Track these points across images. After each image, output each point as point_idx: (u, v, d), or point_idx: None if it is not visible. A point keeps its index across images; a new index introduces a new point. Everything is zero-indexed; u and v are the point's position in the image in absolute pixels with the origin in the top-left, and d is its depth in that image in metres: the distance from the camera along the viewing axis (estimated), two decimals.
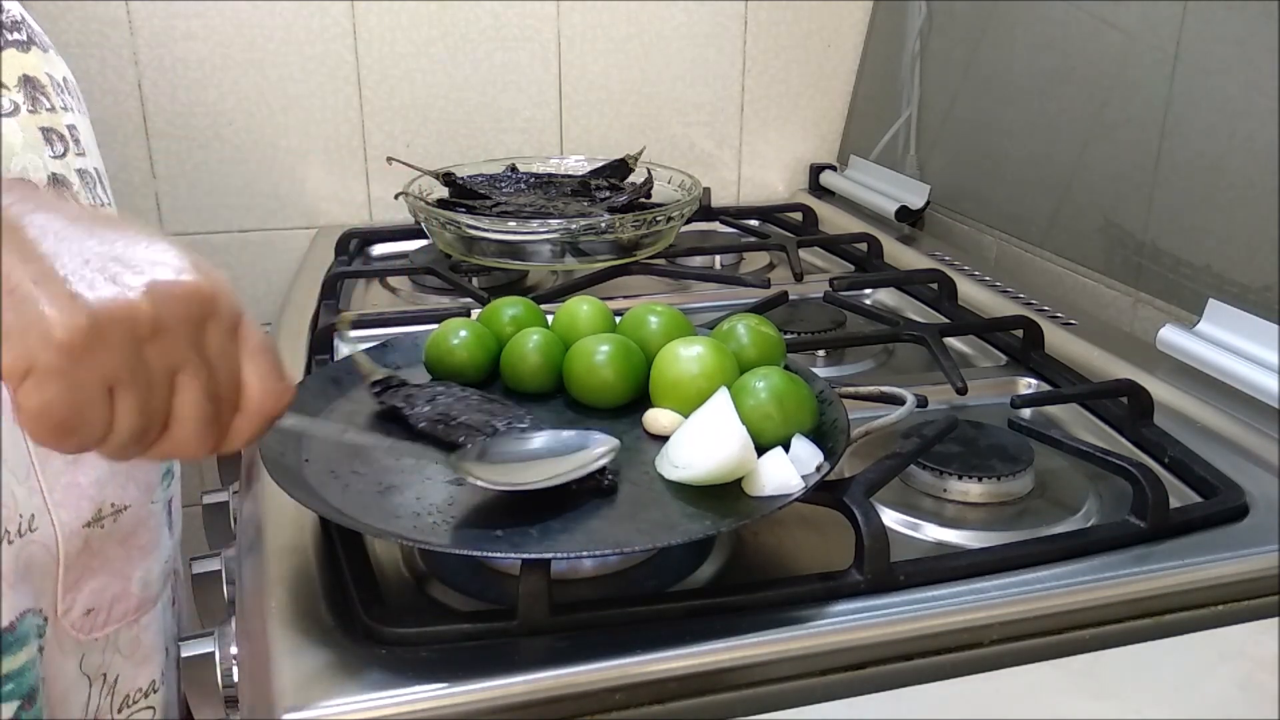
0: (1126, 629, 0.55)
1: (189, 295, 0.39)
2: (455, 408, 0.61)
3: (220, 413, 0.41)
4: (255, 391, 0.42)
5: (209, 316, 0.40)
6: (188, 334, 0.39)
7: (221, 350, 0.41)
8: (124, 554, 0.69)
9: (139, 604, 0.71)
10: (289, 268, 1.21)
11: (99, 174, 0.70)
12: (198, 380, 0.40)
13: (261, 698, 0.48)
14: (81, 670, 0.68)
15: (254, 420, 0.43)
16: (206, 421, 0.41)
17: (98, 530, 0.67)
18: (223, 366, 0.41)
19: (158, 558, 0.73)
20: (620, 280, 1.01)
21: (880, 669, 0.51)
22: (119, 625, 0.70)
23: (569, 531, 0.52)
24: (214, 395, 0.41)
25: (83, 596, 0.67)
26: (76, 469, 0.65)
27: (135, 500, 0.70)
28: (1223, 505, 0.62)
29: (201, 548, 0.73)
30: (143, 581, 0.71)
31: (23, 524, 0.62)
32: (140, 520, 0.70)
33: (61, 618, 0.66)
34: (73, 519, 0.65)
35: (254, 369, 0.42)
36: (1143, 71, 0.90)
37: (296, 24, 1.19)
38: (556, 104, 1.29)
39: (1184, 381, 0.77)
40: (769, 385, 0.59)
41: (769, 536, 0.62)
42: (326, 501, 0.55)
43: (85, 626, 0.67)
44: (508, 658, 0.49)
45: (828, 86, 1.38)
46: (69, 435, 0.38)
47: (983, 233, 1.14)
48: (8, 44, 0.65)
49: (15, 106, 0.64)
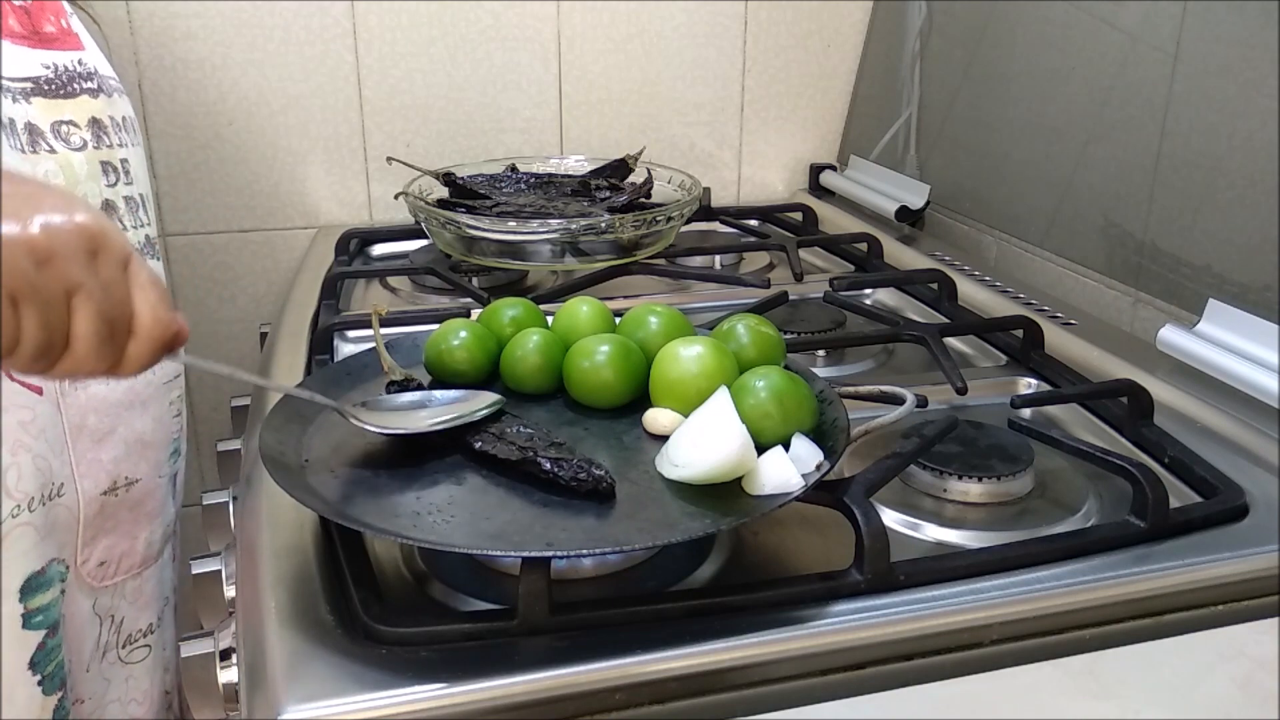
0: (1126, 629, 0.55)
1: (79, 229, 0.46)
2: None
3: (114, 334, 0.47)
4: (146, 319, 0.48)
5: (99, 249, 0.46)
6: (80, 261, 0.45)
7: (112, 278, 0.47)
8: (133, 519, 0.82)
9: (142, 560, 0.84)
10: (289, 268, 1.21)
11: (143, 199, 0.83)
12: (91, 301, 0.46)
13: (261, 698, 0.48)
14: (94, 611, 0.80)
15: (146, 344, 0.48)
16: (102, 339, 0.46)
17: (112, 498, 0.79)
18: (114, 293, 0.47)
19: (161, 522, 0.86)
20: (620, 280, 1.01)
21: (880, 669, 0.51)
22: (125, 577, 0.83)
23: (569, 531, 0.52)
24: (107, 317, 0.46)
25: (97, 551, 0.79)
26: (101, 448, 0.78)
27: (145, 475, 0.83)
28: (1223, 505, 0.62)
29: (201, 548, 0.73)
30: (147, 541, 0.84)
31: (53, 490, 0.74)
32: (148, 491, 0.83)
33: (79, 567, 0.78)
34: (93, 488, 0.78)
35: (144, 298, 0.48)
36: (1143, 71, 0.90)
37: (296, 24, 1.19)
38: (556, 104, 1.29)
39: (1184, 381, 0.77)
40: (769, 385, 0.59)
41: (769, 536, 0.62)
42: (326, 501, 0.55)
43: (98, 575, 0.80)
44: (508, 658, 0.49)
45: (828, 86, 1.38)
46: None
47: (983, 233, 1.14)
48: (81, 90, 0.78)
49: (84, 143, 0.76)
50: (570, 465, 0.56)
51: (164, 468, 0.86)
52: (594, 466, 0.56)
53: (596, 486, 0.55)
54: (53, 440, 0.74)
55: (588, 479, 0.55)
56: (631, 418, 0.64)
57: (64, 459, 0.75)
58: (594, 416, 0.65)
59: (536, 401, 0.67)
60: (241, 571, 0.60)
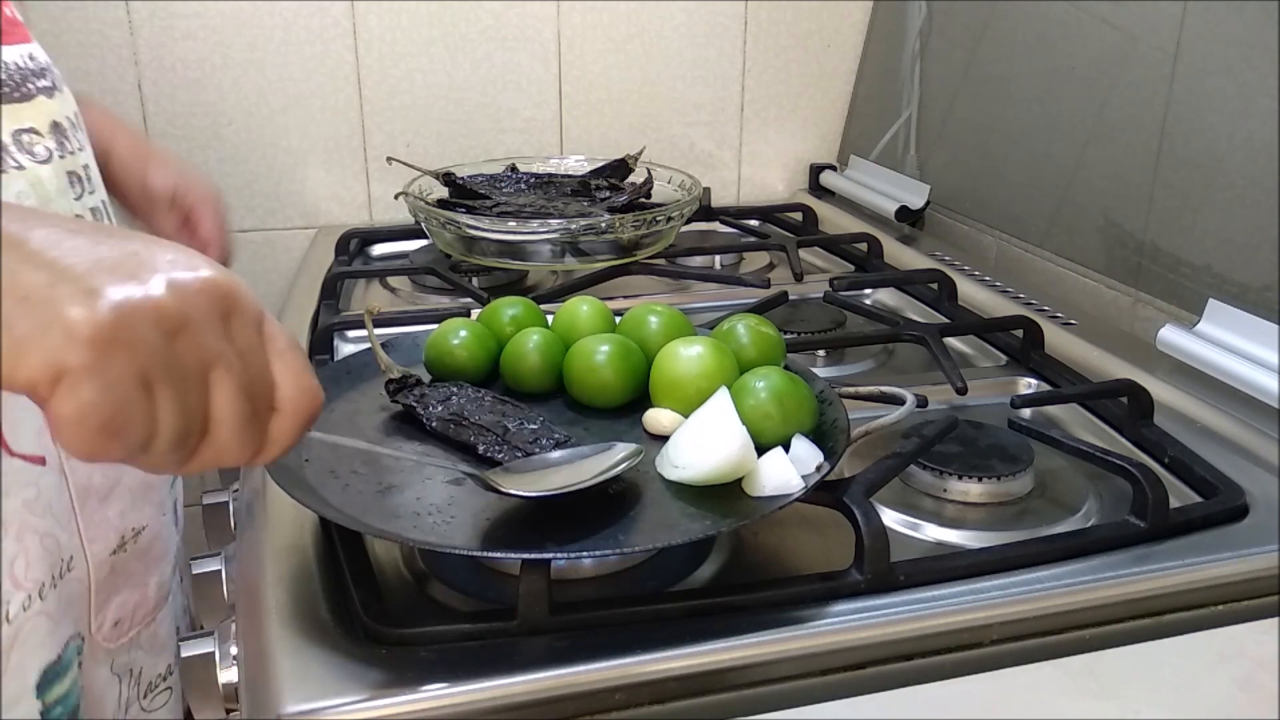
0: (1126, 629, 0.55)
1: (210, 288, 0.39)
2: (468, 408, 0.62)
3: (258, 411, 0.40)
4: (290, 390, 0.41)
5: (232, 311, 0.40)
6: (214, 328, 0.39)
7: (250, 345, 0.40)
8: (142, 567, 0.74)
9: (155, 604, 0.76)
10: (289, 268, 1.21)
11: (105, 206, 0.73)
12: (231, 375, 0.39)
13: (261, 698, 0.48)
14: (112, 672, 0.72)
15: (292, 420, 0.42)
16: (246, 420, 0.40)
17: (122, 555, 0.71)
18: (253, 362, 0.40)
19: (168, 559, 0.78)
20: (620, 280, 1.01)
21: (880, 669, 0.51)
22: (140, 627, 0.75)
23: (569, 531, 0.52)
24: (249, 392, 0.40)
25: (111, 612, 0.71)
26: (107, 505, 0.69)
27: (151, 518, 0.74)
28: (1223, 505, 0.62)
29: (202, 548, 0.73)
30: (158, 584, 0.76)
31: (63, 567, 0.65)
32: (155, 534, 0.75)
33: (94, 634, 0.70)
34: (102, 550, 0.69)
35: (284, 366, 0.41)
36: (1143, 71, 0.90)
37: (296, 24, 1.19)
38: (556, 104, 1.29)
39: (1184, 381, 0.77)
40: (769, 385, 0.59)
41: (769, 536, 0.62)
42: (326, 501, 0.55)
43: (114, 636, 0.72)
44: (508, 658, 0.49)
45: (828, 86, 1.38)
46: (113, 437, 0.36)
47: (983, 233, 1.14)
48: (37, 90, 0.67)
49: (49, 153, 0.66)
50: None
51: (166, 503, 0.78)
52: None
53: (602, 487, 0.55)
54: (59, 512, 0.65)
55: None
56: (631, 418, 0.64)
57: (71, 529, 0.66)
58: (594, 416, 0.65)
59: (536, 401, 0.67)
60: (241, 571, 0.60)
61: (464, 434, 0.60)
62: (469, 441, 0.60)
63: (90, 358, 0.35)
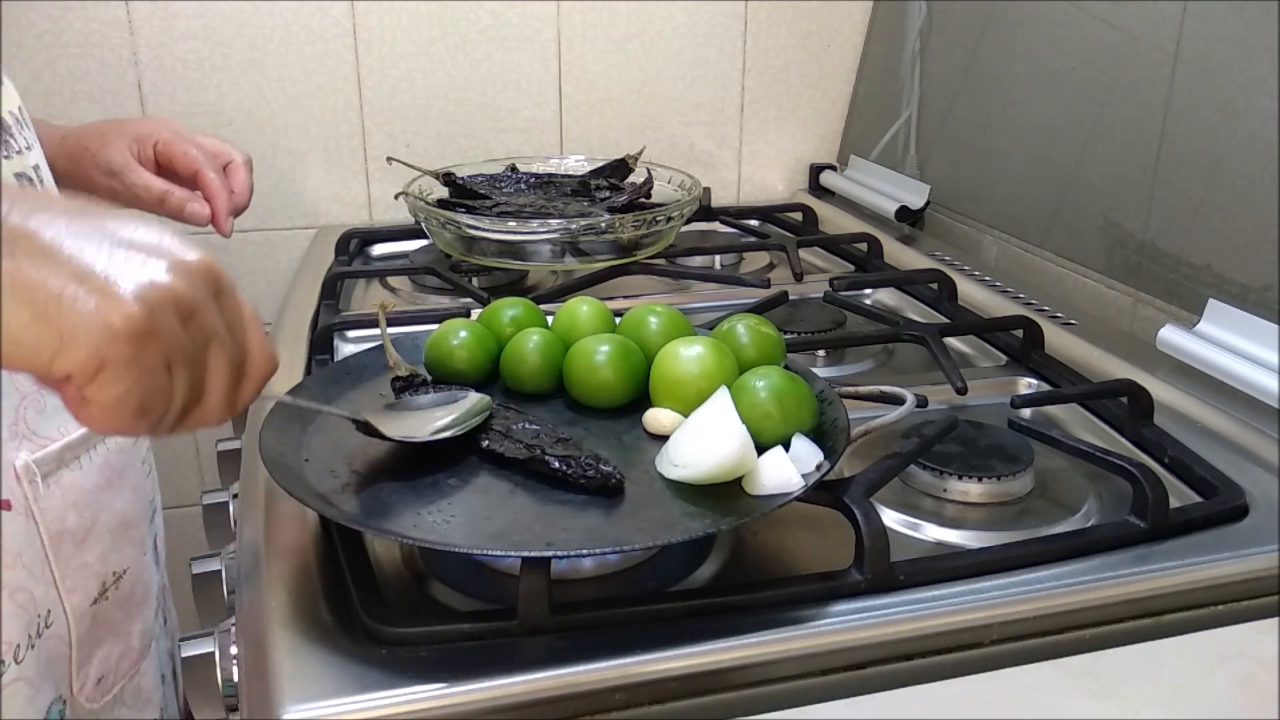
0: (1126, 629, 0.55)
1: (204, 270, 0.42)
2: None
3: (238, 379, 0.44)
4: (258, 357, 0.45)
5: (221, 289, 0.43)
6: (212, 308, 0.42)
7: (234, 319, 0.43)
8: (125, 615, 0.70)
9: (139, 654, 0.72)
10: (289, 268, 1.21)
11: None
12: (224, 350, 0.42)
13: (261, 698, 0.48)
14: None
15: (255, 385, 0.45)
16: (231, 387, 0.43)
17: (103, 603, 0.67)
18: (238, 335, 0.43)
19: (150, 602, 0.74)
20: (620, 280, 1.01)
21: (880, 669, 0.51)
22: (124, 681, 0.70)
23: (569, 530, 0.52)
24: (235, 362, 0.43)
25: (93, 668, 0.67)
26: (84, 549, 0.65)
27: (132, 559, 0.71)
28: (1223, 505, 0.62)
29: (201, 548, 0.73)
30: (141, 632, 0.72)
31: (40, 624, 0.61)
32: (136, 576, 0.71)
33: (76, 695, 0.66)
34: (82, 601, 0.65)
35: (253, 336, 0.44)
36: (1143, 71, 0.90)
37: (296, 24, 1.19)
38: (556, 104, 1.29)
39: (1184, 381, 0.77)
40: (769, 385, 0.59)
41: (769, 536, 0.62)
42: (326, 501, 0.55)
43: (97, 695, 0.68)
44: (508, 658, 0.49)
45: (828, 86, 1.38)
46: (143, 417, 0.40)
47: (983, 233, 1.14)
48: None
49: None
50: (579, 463, 0.56)
51: (146, 541, 0.73)
52: (602, 463, 0.56)
53: (606, 483, 0.55)
54: (31, 561, 0.60)
55: (596, 475, 0.55)
56: (631, 418, 0.64)
57: (46, 580, 0.62)
58: (594, 416, 0.65)
59: (536, 401, 0.67)
60: (241, 571, 0.60)
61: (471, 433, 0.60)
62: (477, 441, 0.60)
63: (128, 351, 0.38)
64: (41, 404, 0.62)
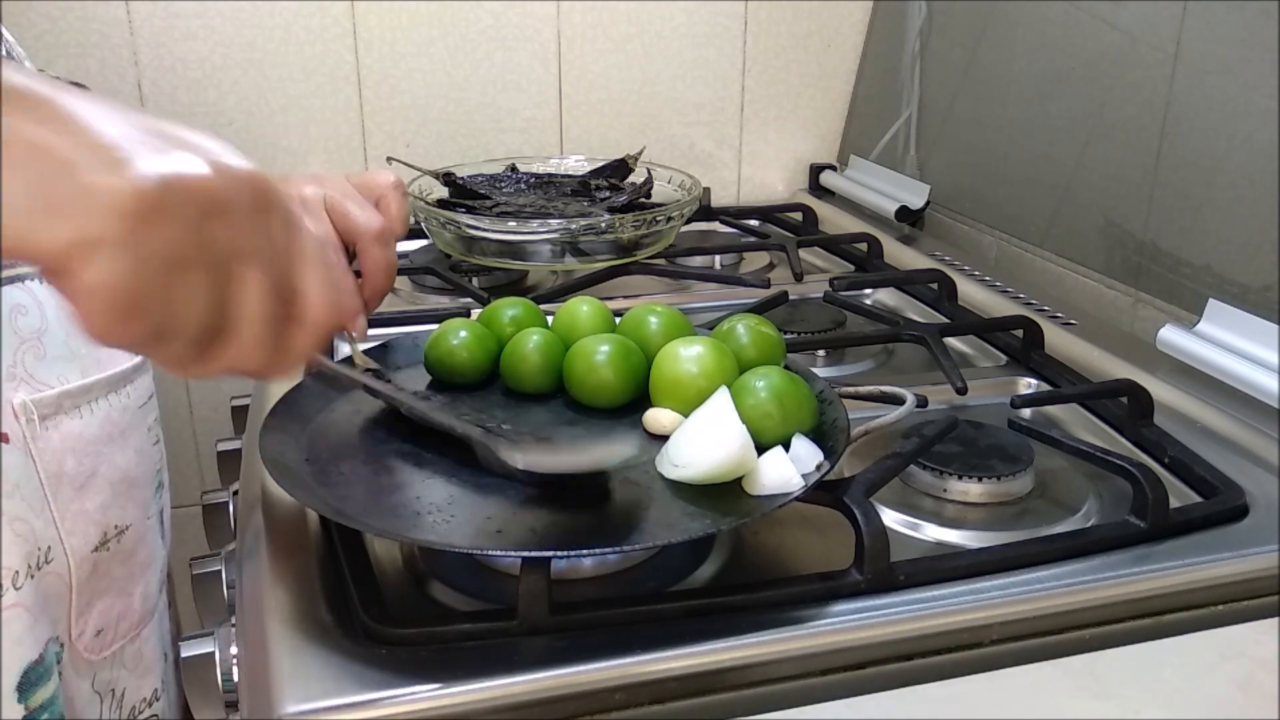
0: (1126, 629, 0.55)
1: (250, 179, 0.36)
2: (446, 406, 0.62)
3: (283, 317, 0.38)
4: (315, 299, 0.39)
5: (269, 207, 0.37)
6: (251, 219, 0.36)
7: (282, 246, 0.37)
8: (126, 573, 0.70)
9: (140, 618, 0.72)
10: None
11: None
12: (262, 271, 0.36)
13: (261, 698, 0.48)
14: (94, 689, 0.68)
15: (311, 332, 0.39)
16: (270, 323, 0.37)
17: (104, 553, 0.67)
18: (284, 264, 0.37)
19: (154, 570, 0.74)
20: (620, 280, 1.01)
21: (880, 669, 0.51)
22: (124, 641, 0.70)
23: (569, 531, 0.52)
24: (278, 292, 0.37)
25: (93, 618, 0.67)
26: (85, 495, 0.65)
27: (135, 519, 0.70)
28: (1223, 505, 0.62)
29: (201, 548, 0.73)
30: (143, 596, 0.72)
31: (40, 557, 0.62)
32: (139, 537, 0.71)
33: (75, 641, 0.66)
34: (83, 545, 0.65)
35: (313, 275, 0.38)
36: (1143, 71, 0.90)
37: (296, 24, 1.19)
38: (556, 104, 1.29)
39: (1184, 381, 0.77)
40: (769, 385, 0.59)
41: (769, 536, 0.62)
42: (326, 501, 0.55)
43: (96, 647, 0.68)
44: (508, 658, 0.49)
45: (828, 86, 1.38)
46: (137, 317, 0.34)
47: (983, 233, 1.14)
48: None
49: None
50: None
51: (151, 506, 0.73)
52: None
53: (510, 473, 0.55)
54: (30, 495, 0.61)
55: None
56: (631, 418, 0.64)
57: (46, 517, 0.62)
58: (594, 416, 0.65)
59: (536, 401, 0.67)
60: (241, 571, 0.60)
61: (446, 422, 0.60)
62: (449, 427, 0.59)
63: (126, 230, 0.33)
64: (41, 350, 0.61)
